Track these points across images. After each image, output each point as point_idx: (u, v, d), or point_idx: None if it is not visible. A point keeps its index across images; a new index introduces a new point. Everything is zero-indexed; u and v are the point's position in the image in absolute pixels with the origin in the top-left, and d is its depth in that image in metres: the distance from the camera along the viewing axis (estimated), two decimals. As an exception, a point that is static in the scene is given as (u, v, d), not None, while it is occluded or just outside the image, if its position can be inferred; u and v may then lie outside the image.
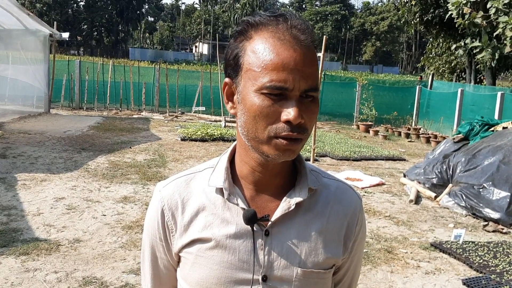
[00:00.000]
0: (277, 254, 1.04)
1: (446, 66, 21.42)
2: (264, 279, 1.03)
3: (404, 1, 18.39)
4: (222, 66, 19.47)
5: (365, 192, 7.47)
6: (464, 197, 6.66)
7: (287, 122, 0.94)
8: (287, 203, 1.04)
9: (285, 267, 1.04)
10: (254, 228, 1.03)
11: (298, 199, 1.05)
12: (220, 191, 1.06)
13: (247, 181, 1.07)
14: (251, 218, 1.01)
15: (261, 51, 0.95)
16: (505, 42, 11.14)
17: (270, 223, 1.04)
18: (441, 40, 20.05)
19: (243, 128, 0.99)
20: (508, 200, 6.21)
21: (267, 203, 1.06)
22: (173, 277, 1.15)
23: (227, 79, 1.03)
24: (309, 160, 9.13)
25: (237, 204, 1.04)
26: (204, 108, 15.78)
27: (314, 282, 1.06)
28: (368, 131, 14.81)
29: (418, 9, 17.78)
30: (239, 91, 0.99)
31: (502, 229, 5.94)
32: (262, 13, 0.99)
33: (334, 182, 1.15)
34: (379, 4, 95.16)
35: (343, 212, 1.11)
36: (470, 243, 5.33)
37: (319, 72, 8.95)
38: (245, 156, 1.05)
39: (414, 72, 70.22)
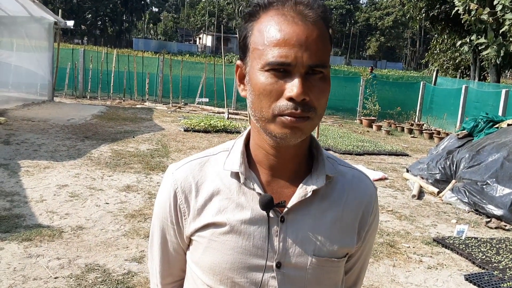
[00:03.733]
0: (292, 242, 1.02)
1: (451, 62, 21.36)
2: (278, 266, 1.02)
3: (410, -4, 18.31)
4: (225, 58, 19.25)
5: (368, 186, 7.45)
6: (467, 193, 6.65)
7: (290, 99, 0.91)
8: (304, 190, 1.03)
9: (300, 255, 1.02)
10: (270, 215, 1.01)
11: (315, 186, 1.03)
12: (235, 175, 1.04)
13: (262, 165, 1.05)
14: (267, 204, 0.99)
15: (265, 29, 0.94)
16: (511, 39, 11.09)
17: (286, 209, 1.02)
18: (446, 36, 19.98)
19: (251, 109, 0.98)
20: (512, 197, 6.19)
21: (283, 189, 1.04)
22: (182, 260, 1.14)
23: (238, 62, 1.03)
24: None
25: (254, 189, 1.02)
26: (207, 100, 15.75)
27: (328, 270, 1.05)
28: (371, 126, 14.78)
29: (423, 5, 17.72)
30: (247, 72, 0.99)
31: (505, 225, 5.93)
32: None
33: (350, 170, 1.13)
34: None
35: (359, 201, 1.10)
36: (473, 239, 5.32)
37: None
38: (258, 139, 1.03)
39: (418, 68, 69.97)
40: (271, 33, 0.93)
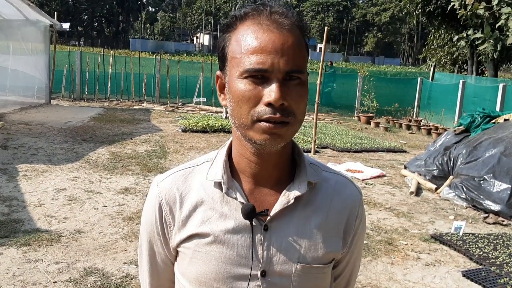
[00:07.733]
0: (276, 249, 1.03)
1: (448, 57, 21.32)
2: (263, 274, 1.02)
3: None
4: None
5: (366, 183, 7.47)
6: (465, 189, 6.66)
7: (269, 104, 0.93)
8: (286, 197, 1.03)
9: (284, 262, 1.03)
10: (253, 223, 1.02)
11: (297, 193, 1.04)
12: (218, 185, 1.05)
13: (245, 174, 1.06)
14: (249, 213, 1.00)
15: (242, 38, 0.96)
16: (507, 33, 11.11)
17: (269, 217, 1.03)
18: (443, 31, 19.97)
19: (231, 117, 1.00)
20: (509, 192, 6.21)
21: (266, 197, 1.05)
22: (170, 271, 1.14)
23: (218, 72, 1.05)
24: (310, 151, 9.13)
25: (236, 199, 1.03)
26: (205, 100, 15.73)
27: (314, 277, 1.06)
28: (369, 123, 14.79)
29: (420, 0, 17.70)
30: (227, 81, 1.01)
31: (503, 221, 5.95)
32: (247, 5, 1.01)
33: (334, 176, 1.14)
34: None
35: (343, 207, 1.10)
36: (470, 235, 5.33)
37: (321, 63, 8.92)
38: (240, 147, 1.05)
39: (416, 63, 69.94)
40: (247, 42, 0.95)
